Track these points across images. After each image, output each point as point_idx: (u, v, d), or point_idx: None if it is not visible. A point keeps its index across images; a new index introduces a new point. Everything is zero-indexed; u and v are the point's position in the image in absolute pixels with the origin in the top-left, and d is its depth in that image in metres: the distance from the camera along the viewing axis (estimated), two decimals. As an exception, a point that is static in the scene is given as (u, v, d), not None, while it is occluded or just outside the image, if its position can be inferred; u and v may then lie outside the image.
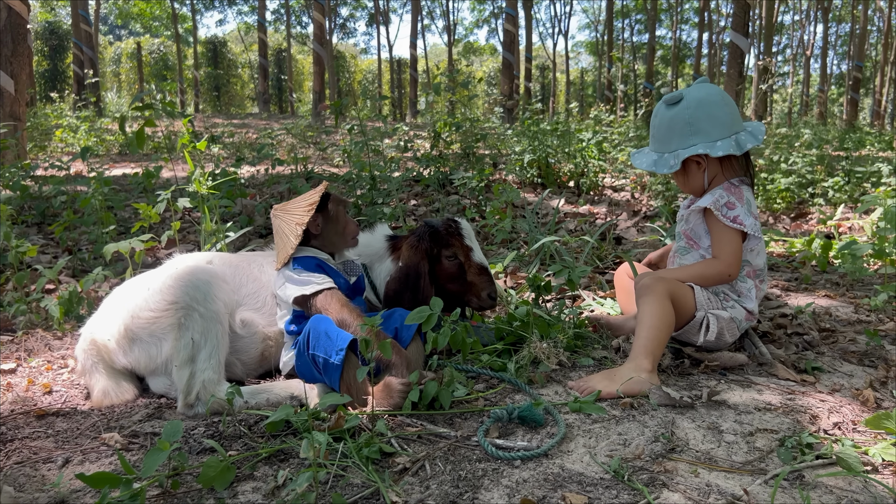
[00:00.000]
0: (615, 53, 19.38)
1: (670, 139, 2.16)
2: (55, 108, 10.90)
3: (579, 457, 1.56)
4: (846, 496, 1.41)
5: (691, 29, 33.98)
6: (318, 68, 15.36)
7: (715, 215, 2.12)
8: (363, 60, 39.56)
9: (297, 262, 1.99)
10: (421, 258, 2.16)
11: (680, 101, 2.14)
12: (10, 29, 6.43)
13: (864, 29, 22.51)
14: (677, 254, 2.33)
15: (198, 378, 1.82)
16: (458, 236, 2.21)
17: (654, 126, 2.21)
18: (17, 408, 1.88)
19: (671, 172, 2.18)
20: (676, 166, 2.14)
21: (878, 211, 3.46)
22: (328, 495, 1.39)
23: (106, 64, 29.82)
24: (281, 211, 2.02)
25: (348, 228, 2.10)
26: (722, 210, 2.12)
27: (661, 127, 2.18)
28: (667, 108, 2.17)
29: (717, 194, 2.15)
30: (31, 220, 4.52)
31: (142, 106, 3.13)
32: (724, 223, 2.12)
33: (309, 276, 1.96)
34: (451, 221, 2.23)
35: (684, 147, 2.14)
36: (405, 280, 2.16)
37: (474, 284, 2.21)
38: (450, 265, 2.20)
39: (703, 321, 2.12)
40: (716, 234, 2.16)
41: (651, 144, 2.24)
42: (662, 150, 2.18)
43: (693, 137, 2.13)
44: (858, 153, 8.34)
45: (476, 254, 2.22)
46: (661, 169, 2.15)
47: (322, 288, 1.93)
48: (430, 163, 5.81)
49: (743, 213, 2.12)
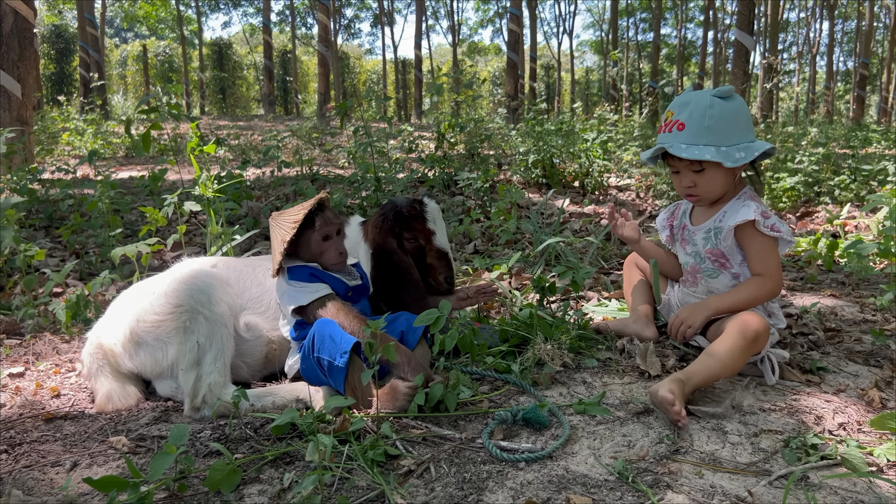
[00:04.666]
0: (614, 53, 19.34)
1: (731, 132, 1.99)
2: (62, 112, 10.95)
3: (584, 458, 1.56)
4: (851, 497, 1.41)
5: (696, 27, 33.92)
6: (322, 69, 15.39)
7: (758, 228, 2.00)
8: (368, 61, 39.62)
9: (291, 272, 1.97)
10: (386, 236, 2.17)
11: (732, 96, 2.01)
12: (16, 33, 6.47)
13: (871, 25, 22.40)
14: (703, 276, 2.20)
15: (204, 381, 1.84)
16: (421, 219, 2.20)
17: (707, 117, 1.97)
18: (26, 411, 1.90)
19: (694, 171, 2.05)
20: (745, 159, 1.97)
21: (885, 210, 3.45)
22: (334, 498, 1.39)
23: (112, 67, 29.95)
24: (275, 220, 1.99)
25: (325, 255, 1.97)
26: (763, 222, 2.00)
27: (723, 118, 1.97)
28: (725, 100, 1.99)
29: (753, 206, 2.03)
30: (38, 223, 4.55)
31: (148, 109, 3.15)
32: (766, 235, 2.01)
33: (303, 286, 1.94)
34: (417, 203, 2.21)
35: (749, 141, 2.01)
36: (379, 261, 2.17)
37: (433, 268, 2.23)
38: (410, 247, 2.21)
39: (765, 359, 2.02)
40: (757, 248, 2.04)
41: (693, 136, 1.99)
42: (719, 143, 1.97)
43: (750, 134, 2.03)
44: (865, 151, 8.30)
45: (438, 237, 2.22)
46: (728, 161, 1.96)
47: (318, 296, 1.92)
48: (435, 164, 5.82)
49: (777, 220, 2.02)
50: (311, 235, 1.96)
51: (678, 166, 2.10)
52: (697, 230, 2.19)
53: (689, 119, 2.00)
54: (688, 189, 2.12)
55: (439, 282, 2.23)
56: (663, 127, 2.09)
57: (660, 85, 14.63)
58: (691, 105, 2.01)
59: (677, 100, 2.09)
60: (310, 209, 1.93)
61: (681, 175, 2.11)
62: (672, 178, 2.19)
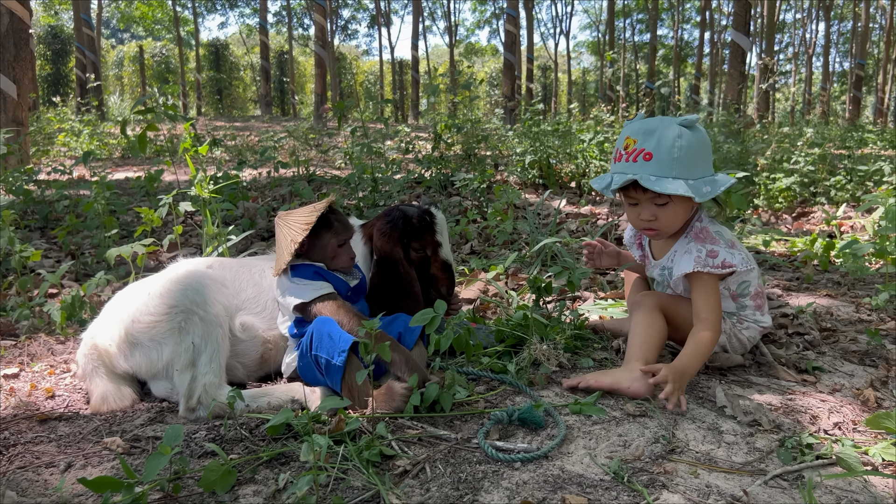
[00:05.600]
0: (610, 54, 19.38)
1: (697, 164, 1.89)
2: (58, 113, 10.93)
3: (579, 458, 1.56)
4: (846, 496, 1.41)
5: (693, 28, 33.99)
6: (319, 70, 15.40)
7: (703, 273, 1.95)
8: (365, 62, 39.66)
9: (295, 270, 1.99)
10: (394, 245, 2.16)
11: (696, 126, 1.91)
12: (11, 34, 6.46)
13: (867, 26, 22.49)
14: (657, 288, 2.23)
15: (199, 382, 1.83)
16: (431, 231, 2.19)
17: (676, 148, 1.86)
18: (20, 412, 1.89)
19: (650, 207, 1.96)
20: (711, 194, 1.88)
21: (880, 210, 3.46)
22: (329, 498, 1.39)
23: (108, 67, 29.92)
24: (283, 220, 2.01)
25: (337, 259, 2.02)
26: (709, 264, 1.94)
27: (690, 150, 1.87)
28: (691, 131, 1.89)
29: (695, 252, 1.96)
30: (34, 224, 4.54)
31: (144, 109, 3.15)
32: (714, 274, 1.95)
33: (307, 283, 1.96)
34: (427, 214, 2.19)
35: (711, 174, 1.93)
36: (382, 269, 2.16)
37: (436, 279, 2.22)
38: (416, 257, 2.20)
39: None
40: (699, 290, 1.96)
41: (662, 168, 1.87)
42: (686, 176, 1.87)
43: (710, 166, 1.94)
44: (861, 152, 8.32)
45: (444, 249, 2.22)
46: (697, 196, 1.86)
47: (320, 294, 1.94)
48: (432, 164, 5.82)
49: (726, 253, 1.96)
50: (327, 239, 1.99)
51: (638, 198, 1.98)
52: (656, 265, 2.15)
53: (657, 149, 1.87)
54: (647, 223, 2.00)
55: (441, 294, 2.22)
56: (623, 155, 1.94)
57: (656, 86, 14.67)
58: (657, 134, 1.88)
59: (637, 126, 1.95)
60: (322, 211, 1.96)
61: (639, 207, 1.99)
62: (627, 209, 2.06)
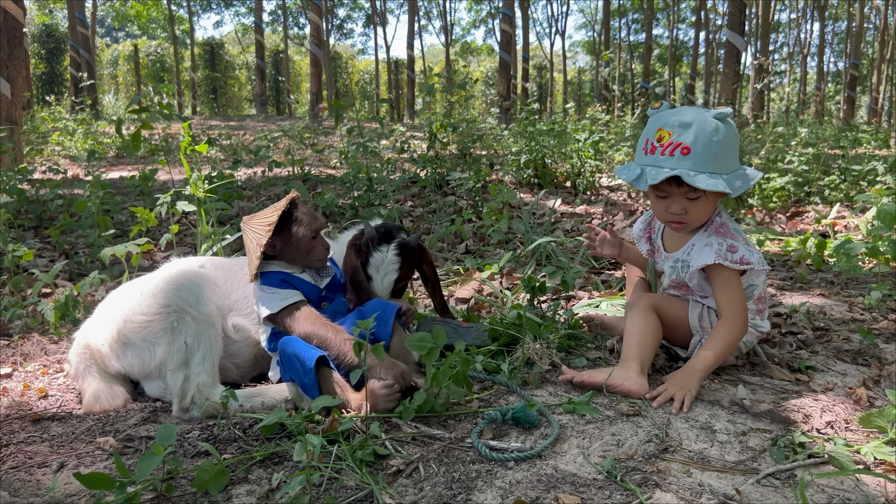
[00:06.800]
0: (606, 54, 19.38)
1: (730, 159, 1.85)
2: (52, 112, 10.89)
3: (573, 457, 1.56)
4: (838, 495, 1.42)
5: (688, 28, 34.05)
6: (315, 69, 15.37)
7: (724, 267, 1.93)
8: (360, 61, 39.59)
9: (264, 278, 1.96)
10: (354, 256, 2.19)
11: (728, 119, 1.86)
12: (5, 32, 6.44)
13: (861, 27, 22.55)
14: (667, 292, 2.19)
15: (192, 382, 1.83)
16: (426, 254, 2.32)
17: (714, 143, 1.80)
18: (13, 412, 1.88)
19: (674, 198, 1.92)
20: (742, 188, 1.84)
21: (873, 210, 3.47)
22: (322, 498, 1.39)
23: (103, 66, 29.84)
24: (247, 224, 1.97)
25: (313, 252, 1.98)
26: (728, 258, 1.92)
27: (726, 145, 1.82)
28: (724, 124, 1.84)
29: (716, 245, 1.94)
30: (27, 223, 4.52)
31: (138, 109, 3.14)
32: (734, 270, 1.93)
33: (274, 292, 1.92)
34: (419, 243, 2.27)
35: (740, 168, 1.89)
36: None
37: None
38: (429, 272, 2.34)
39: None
40: (723, 287, 1.94)
41: (700, 163, 1.81)
42: (722, 171, 1.82)
43: (738, 161, 1.90)
44: (855, 151, 8.35)
45: None
46: (734, 191, 1.82)
47: (287, 304, 1.90)
48: (427, 164, 5.82)
49: (745, 250, 1.94)
50: (298, 234, 1.95)
51: (671, 192, 1.91)
52: (669, 257, 2.10)
53: (695, 144, 1.80)
54: (677, 216, 1.95)
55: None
56: (658, 147, 1.86)
57: (651, 85, 14.70)
58: (694, 127, 1.81)
59: (672, 118, 1.86)
60: (283, 209, 1.92)
61: (669, 200, 1.93)
62: (653, 202, 2.00)
